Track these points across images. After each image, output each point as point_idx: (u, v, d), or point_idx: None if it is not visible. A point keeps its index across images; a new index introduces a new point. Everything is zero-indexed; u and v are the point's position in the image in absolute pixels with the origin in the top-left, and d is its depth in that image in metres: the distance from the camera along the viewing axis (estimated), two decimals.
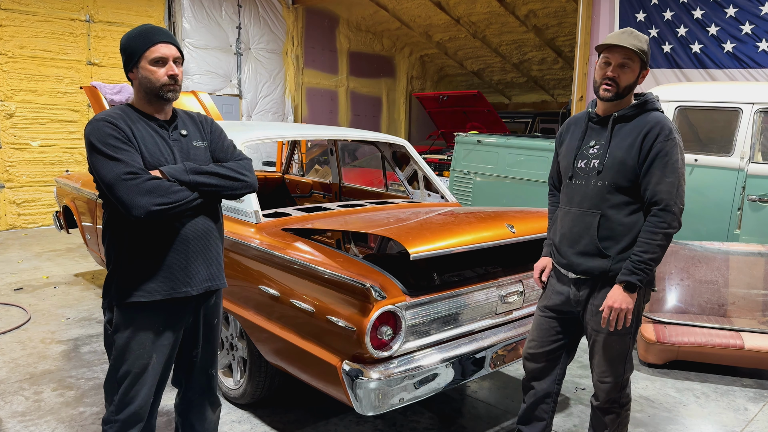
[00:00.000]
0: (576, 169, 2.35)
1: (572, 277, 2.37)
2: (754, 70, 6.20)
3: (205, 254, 2.11)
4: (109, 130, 1.92)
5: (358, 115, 12.71)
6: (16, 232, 7.93)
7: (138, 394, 2.07)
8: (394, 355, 2.43)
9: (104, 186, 1.92)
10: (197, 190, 2.00)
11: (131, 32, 2.04)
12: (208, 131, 2.20)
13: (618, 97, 2.24)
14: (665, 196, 2.14)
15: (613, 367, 2.34)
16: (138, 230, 1.99)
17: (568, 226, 2.37)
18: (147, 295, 2.01)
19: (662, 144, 2.17)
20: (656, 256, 2.15)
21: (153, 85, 2.01)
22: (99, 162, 1.91)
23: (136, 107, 2.07)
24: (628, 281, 2.16)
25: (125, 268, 2.02)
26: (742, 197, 4.60)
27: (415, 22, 12.06)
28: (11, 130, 7.89)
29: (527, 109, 13.64)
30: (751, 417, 3.34)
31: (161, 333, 2.09)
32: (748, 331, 3.80)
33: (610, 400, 2.38)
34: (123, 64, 2.06)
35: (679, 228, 2.17)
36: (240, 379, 3.13)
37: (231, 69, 10.15)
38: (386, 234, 2.64)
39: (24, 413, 3.11)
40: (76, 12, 8.29)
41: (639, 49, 2.19)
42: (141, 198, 1.87)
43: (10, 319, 4.51)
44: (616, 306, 2.18)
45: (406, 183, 4.32)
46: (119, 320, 2.04)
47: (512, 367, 3.82)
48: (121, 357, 2.05)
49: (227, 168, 2.09)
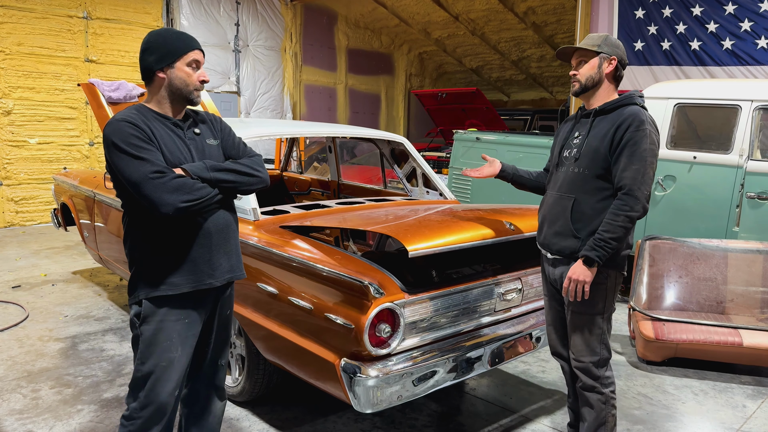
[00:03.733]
0: (562, 158, 2.55)
1: (550, 257, 2.56)
2: (753, 67, 6.20)
3: (226, 247, 2.19)
4: (131, 130, 1.95)
5: (356, 112, 12.69)
6: (14, 230, 7.92)
7: (164, 389, 2.08)
8: (393, 353, 2.43)
9: (130, 185, 1.94)
10: (217, 186, 2.08)
11: (166, 32, 2.08)
12: (218, 129, 2.27)
13: (584, 89, 2.44)
14: (629, 182, 2.28)
15: (588, 347, 2.46)
16: (163, 227, 2.04)
17: (547, 208, 2.56)
18: (174, 288, 2.06)
19: (632, 134, 2.31)
20: (617, 236, 2.29)
21: (186, 87, 2.08)
22: (123, 162, 1.94)
23: (149, 107, 2.09)
24: (588, 256, 2.32)
25: (151, 264, 2.07)
26: (740, 194, 4.60)
27: (414, 19, 12.04)
28: (9, 127, 7.87)
29: (526, 106, 13.63)
30: (749, 414, 3.34)
31: (186, 325, 2.13)
32: (746, 328, 3.80)
33: (591, 380, 2.48)
34: (150, 61, 2.06)
35: (643, 213, 2.30)
36: (238, 376, 3.13)
37: (229, 66, 10.13)
38: (385, 231, 2.64)
39: (22, 411, 3.10)
40: (74, 9, 8.26)
41: (588, 46, 2.41)
42: (168, 195, 1.93)
43: (8, 316, 4.50)
44: (574, 277, 2.35)
45: (404, 180, 4.31)
46: (146, 312, 2.08)
47: (510, 364, 3.83)
48: (147, 350, 2.07)
49: (243, 165, 2.17)
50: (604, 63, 2.40)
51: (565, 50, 2.48)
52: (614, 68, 2.42)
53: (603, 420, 2.50)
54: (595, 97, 2.46)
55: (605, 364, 2.49)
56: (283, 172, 5.60)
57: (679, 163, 4.87)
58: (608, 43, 2.41)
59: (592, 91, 2.45)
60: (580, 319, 2.47)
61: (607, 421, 2.51)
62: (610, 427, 2.52)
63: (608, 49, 2.40)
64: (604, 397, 2.49)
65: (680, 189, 4.88)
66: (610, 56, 2.40)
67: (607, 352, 2.49)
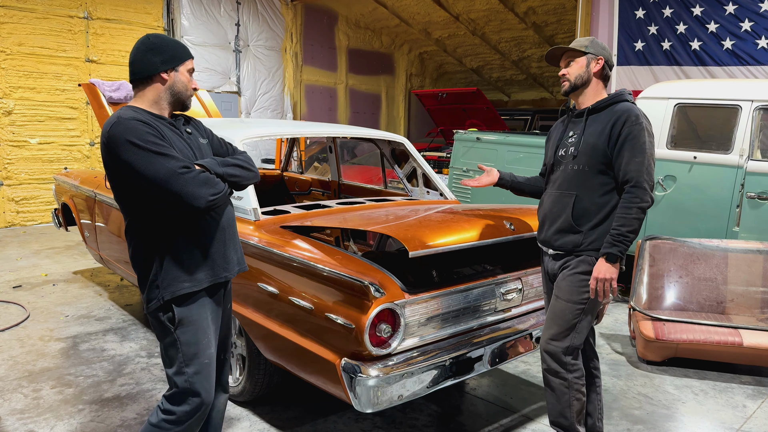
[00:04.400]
0: (557, 158, 2.61)
1: (551, 253, 2.60)
2: (754, 68, 6.20)
3: (234, 240, 2.24)
4: (146, 128, 1.94)
5: (357, 112, 12.70)
6: (15, 230, 7.93)
7: (210, 386, 2.13)
8: (393, 353, 2.43)
9: (156, 181, 1.91)
10: (227, 181, 2.10)
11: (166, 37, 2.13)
12: (203, 129, 2.29)
13: (574, 88, 2.53)
14: (635, 174, 2.36)
15: (562, 333, 2.51)
16: (183, 224, 2.05)
17: (548, 206, 2.60)
18: (198, 284, 2.08)
19: (630, 128, 2.39)
20: (633, 228, 2.35)
21: (186, 92, 2.13)
22: (145, 159, 1.90)
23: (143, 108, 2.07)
24: (610, 252, 2.36)
25: (173, 263, 2.05)
26: (741, 194, 4.61)
27: (414, 19, 12.04)
28: (9, 127, 7.88)
29: (526, 106, 13.63)
30: (749, 414, 3.34)
31: (213, 320, 2.18)
32: (746, 328, 3.81)
33: (556, 364, 2.53)
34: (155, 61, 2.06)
35: (651, 202, 2.37)
36: (239, 376, 3.13)
37: (230, 66, 10.14)
38: (385, 231, 2.64)
39: (23, 411, 3.11)
40: (75, 9, 8.27)
41: (576, 47, 2.51)
42: (200, 189, 1.95)
43: (9, 316, 4.50)
44: (601, 276, 2.38)
45: (405, 180, 4.32)
46: (183, 315, 2.07)
47: (511, 364, 3.83)
48: (190, 351, 2.08)
49: (241, 160, 2.21)
50: (592, 62, 2.51)
51: (554, 52, 2.58)
52: (601, 67, 2.52)
53: (567, 403, 2.54)
54: (584, 96, 2.55)
55: (573, 352, 2.53)
56: (284, 172, 5.60)
57: (680, 163, 4.87)
58: (594, 45, 2.52)
59: (582, 89, 2.54)
60: (562, 306, 2.51)
61: (571, 404, 2.54)
62: (577, 410, 2.55)
63: (594, 49, 2.51)
64: (567, 382, 2.52)
65: (680, 189, 4.88)
66: (597, 56, 2.51)
67: (578, 341, 2.52)
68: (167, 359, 2.12)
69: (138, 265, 2.11)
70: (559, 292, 2.54)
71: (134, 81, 2.11)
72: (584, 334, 2.53)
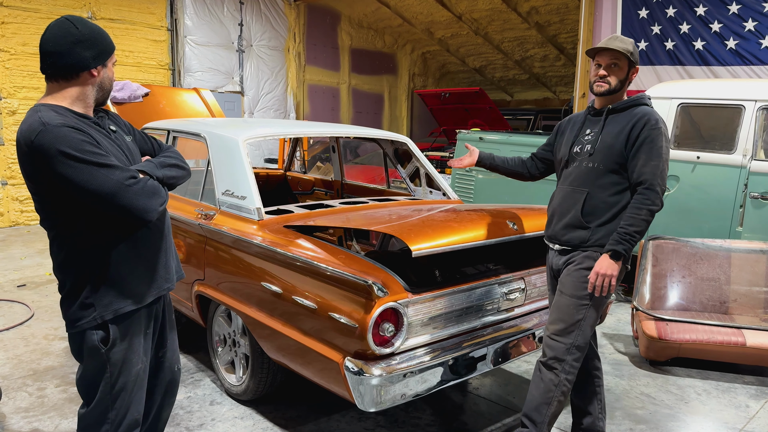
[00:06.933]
0: (572, 154, 2.62)
1: (557, 249, 2.63)
2: (757, 67, 6.19)
3: (172, 247, 2.11)
4: (80, 136, 1.72)
5: (359, 112, 12.71)
6: (19, 229, 7.95)
7: (137, 406, 1.99)
8: (396, 352, 2.44)
9: (101, 196, 1.72)
10: (166, 184, 1.94)
11: (92, 25, 1.86)
12: (123, 124, 2.08)
13: (610, 92, 2.52)
14: (649, 177, 2.39)
15: (566, 329, 2.51)
16: (125, 237, 1.87)
17: (558, 201, 2.63)
18: (141, 300, 1.92)
19: (648, 132, 2.42)
20: (640, 229, 2.38)
21: (110, 88, 1.94)
22: (86, 172, 1.69)
23: (66, 107, 1.82)
24: (615, 250, 2.38)
25: (112, 280, 1.87)
26: (744, 194, 4.60)
27: (417, 19, 12.04)
28: (14, 127, 7.90)
29: (529, 106, 13.62)
30: (752, 414, 3.34)
31: (147, 335, 2.02)
32: (749, 328, 3.80)
33: (555, 358, 2.52)
34: (85, 56, 1.81)
35: (661, 206, 2.40)
36: (242, 375, 3.14)
37: (233, 66, 10.16)
38: (388, 231, 2.64)
39: (27, 409, 3.12)
40: (78, 9, 8.29)
41: (625, 51, 2.47)
42: (150, 201, 1.79)
43: (14, 315, 4.52)
44: (602, 272, 2.40)
45: (407, 180, 4.32)
46: (116, 335, 1.89)
47: (514, 364, 3.83)
48: (118, 372, 1.91)
49: (175, 158, 2.04)
50: (631, 71, 2.53)
51: (604, 50, 2.49)
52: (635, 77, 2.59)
53: (548, 400, 2.53)
54: (611, 98, 2.57)
55: (575, 353, 2.51)
56: (287, 172, 5.61)
57: (683, 163, 4.87)
58: (635, 53, 2.52)
59: (614, 94, 2.54)
60: (566, 301, 2.52)
61: (551, 403, 2.53)
62: (553, 412, 2.54)
63: (634, 58, 2.51)
64: (558, 380, 2.51)
65: (684, 189, 4.88)
66: (635, 65, 2.53)
67: (582, 341, 2.50)
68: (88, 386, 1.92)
69: (67, 278, 1.87)
70: (563, 288, 2.55)
71: (54, 75, 1.82)
72: (588, 334, 2.52)
